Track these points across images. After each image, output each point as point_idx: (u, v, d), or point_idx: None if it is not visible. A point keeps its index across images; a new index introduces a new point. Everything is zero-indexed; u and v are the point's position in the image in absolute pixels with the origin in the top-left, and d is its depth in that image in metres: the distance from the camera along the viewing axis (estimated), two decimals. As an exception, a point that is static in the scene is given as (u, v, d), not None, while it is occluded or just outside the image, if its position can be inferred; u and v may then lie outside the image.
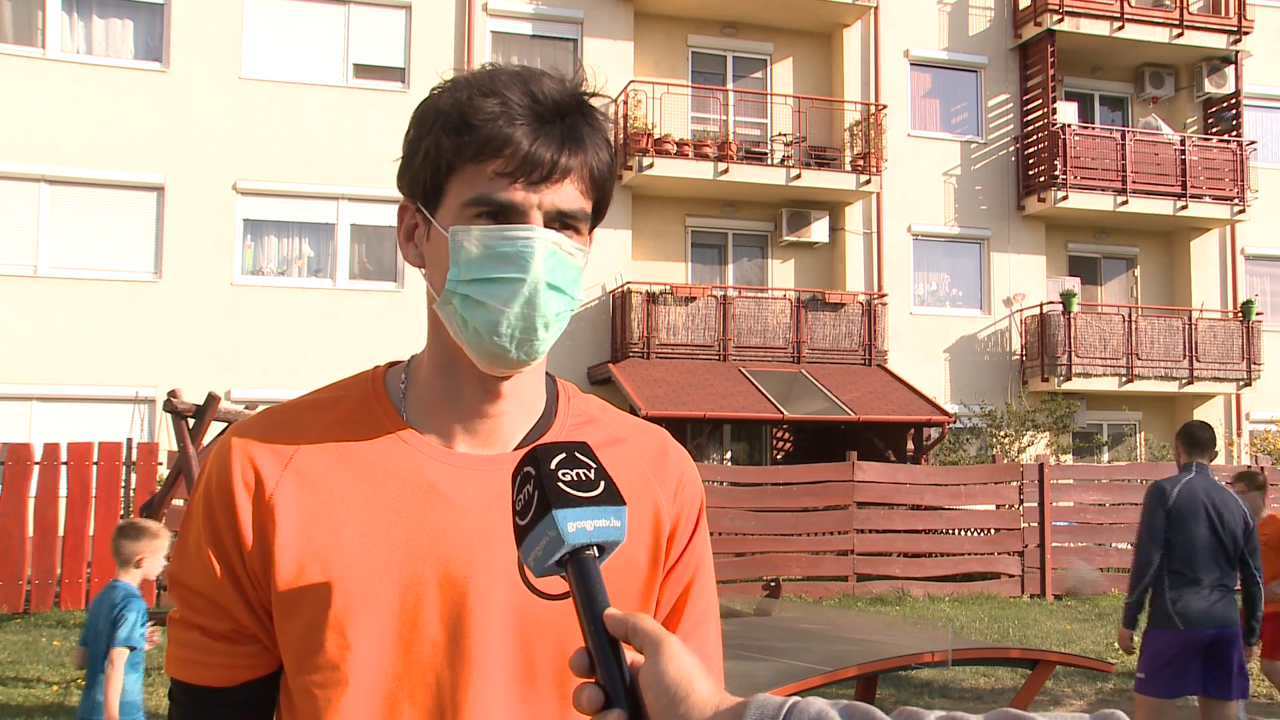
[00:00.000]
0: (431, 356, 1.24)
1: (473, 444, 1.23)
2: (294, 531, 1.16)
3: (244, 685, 1.21)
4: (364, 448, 1.20)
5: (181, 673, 1.21)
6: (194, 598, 1.19)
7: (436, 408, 1.23)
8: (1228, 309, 20.19)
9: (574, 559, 0.97)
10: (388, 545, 1.17)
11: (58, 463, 11.37)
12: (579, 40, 17.91)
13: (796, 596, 12.66)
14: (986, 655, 6.64)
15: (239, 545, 1.17)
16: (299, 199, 16.61)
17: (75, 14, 16.24)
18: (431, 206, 1.19)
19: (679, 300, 16.89)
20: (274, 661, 1.21)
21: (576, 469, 1.01)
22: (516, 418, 1.24)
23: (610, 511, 0.99)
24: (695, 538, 1.31)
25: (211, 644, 1.19)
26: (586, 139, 1.17)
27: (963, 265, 19.55)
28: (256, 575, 1.17)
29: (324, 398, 1.26)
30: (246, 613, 1.18)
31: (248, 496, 1.17)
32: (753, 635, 5.73)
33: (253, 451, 1.19)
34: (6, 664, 8.72)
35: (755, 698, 0.89)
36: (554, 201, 1.15)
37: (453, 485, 1.19)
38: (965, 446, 17.61)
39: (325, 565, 1.16)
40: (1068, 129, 18.89)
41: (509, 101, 1.14)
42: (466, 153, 1.14)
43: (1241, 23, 19.79)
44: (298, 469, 1.19)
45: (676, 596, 1.30)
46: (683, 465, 1.33)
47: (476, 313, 1.15)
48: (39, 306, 15.48)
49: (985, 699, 8.05)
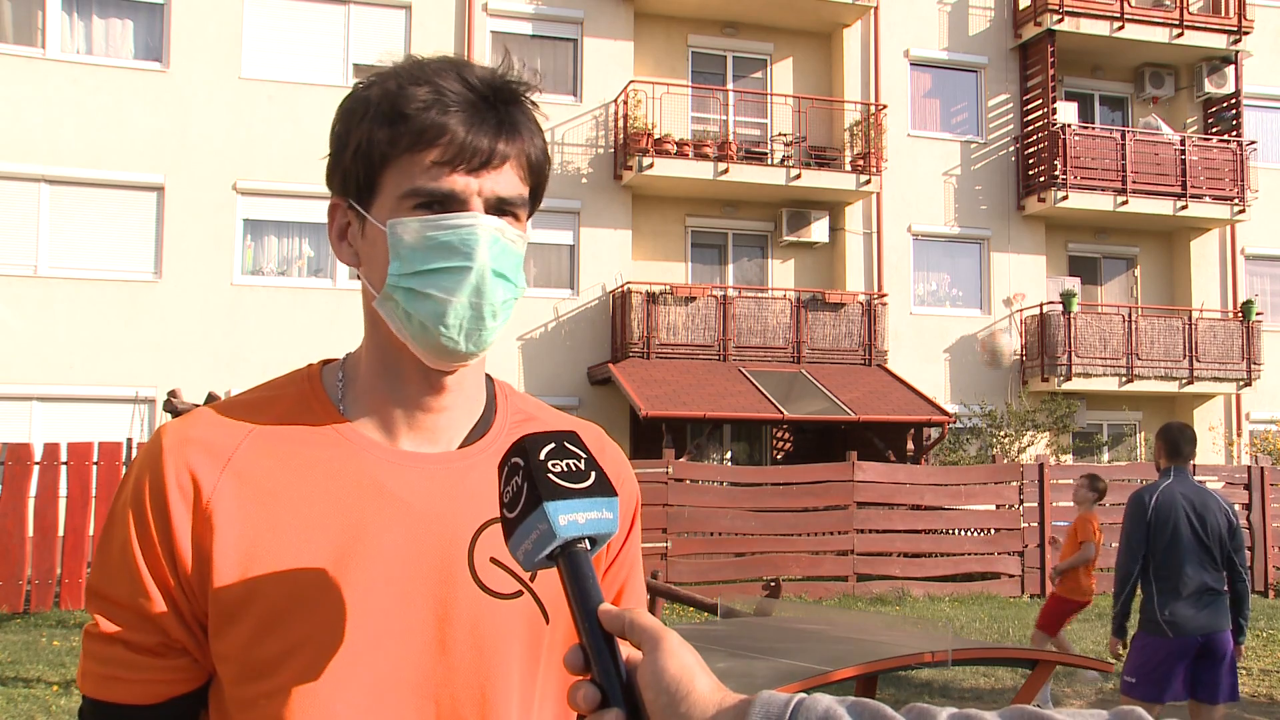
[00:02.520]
0: (371, 354, 1.20)
1: (417, 441, 1.19)
2: (234, 537, 1.10)
3: (168, 702, 1.13)
4: (305, 447, 1.15)
5: (99, 690, 1.13)
6: (117, 610, 1.11)
7: (378, 405, 1.19)
8: (1228, 309, 20.19)
9: (566, 553, 0.95)
10: (334, 547, 1.11)
11: (58, 463, 11.36)
12: (579, 40, 17.91)
13: (796, 596, 12.66)
14: (986, 655, 6.63)
15: (172, 553, 1.10)
16: (299, 199, 16.61)
17: (75, 14, 16.23)
18: (365, 202, 1.15)
19: (679, 300, 16.89)
20: (202, 675, 1.14)
21: (567, 459, 0.98)
22: (459, 414, 1.21)
23: (602, 503, 0.96)
24: (631, 535, 1.30)
25: (135, 659, 1.11)
26: (521, 124, 1.15)
27: (963, 265, 19.55)
28: (191, 585, 1.11)
29: (259, 397, 1.21)
30: (177, 624, 1.11)
31: (184, 503, 1.11)
32: (753, 635, 5.72)
33: (188, 454, 1.13)
34: (6, 664, 8.72)
35: (760, 695, 0.87)
36: (494, 188, 1.12)
37: (400, 483, 1.15)
38: (965, 447, 17.61)
39: (268, 570, 1.10)
40: (1068, 129, 18.89)
41: (442, 89, 1.11)
42: (401, 143, 1.11)
43: (1241, 23, 19.79)
44: (236, 470, 1.13)
45: (614, 594, 1.29)
46: (620, 463, 1.31)
47: (421, 305, 1.12)
48: (39, 306, 15.48)
49: (985, 699, 8.05)
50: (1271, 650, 10.28)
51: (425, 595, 1.13)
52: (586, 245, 17.53)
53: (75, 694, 7.78)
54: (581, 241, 17.50)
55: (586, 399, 17.19)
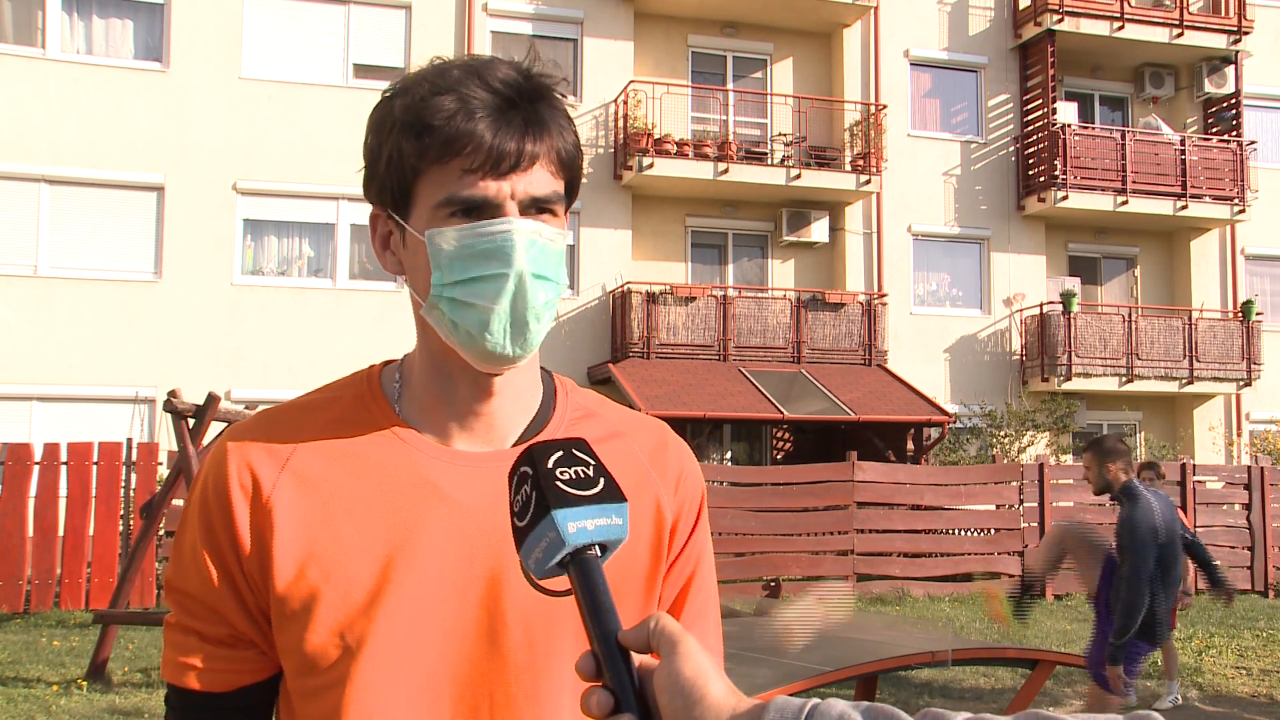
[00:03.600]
0: (423, 357, 1.23)
1: (470, 441, 1.21)
2: (292, 534, 1.14)
3: (240, 690, 1.19)
4: (361, 447, 1.19)
5: (178, 678, 1.19)
6: (190, 603, 1.17)
7: (432, 406, 1.22)
8: (1228, 309, 20.19)
9: (576, 560, 0.94)
10: (388, 545, 1.15)
11: (58, 463, 11.37)
12: (579, 40, 17.91)
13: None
14: (986, 655, 6.63)
15: (236, 550, 1.15)
16: (299, 199, 16.61)
17: (75, 14, 16.23)
18: (403, 212, 1.16)
19: (679, 300, 16.89)
20: (272, 667, 1.19)
21: (575, 466, 0.97)
22: (512, 413, 1.23)
23: (611, 509, 0.95)
24: (696, 531, 1.31)
25: (208, 649, 1.17)
26: (549, 121, 1.15)
27: (963, 265, 19.55)
28: (254, 580, 1.15)
29: (319, 398, 1.24)
30: (243, 618, 1.16)
31: (245, 500, 1.16)
32: (753, 635, 5.72)
33: (249, 454, 1.17)
34: (6, 664, 8.72)
35: (774, 700, 0.86)
36: (526, 189, 1.13)
37: (452, 483, 1.18)
38: (965, 446, 17.61)
39: (325, 567, 1.14)
40: (1068, 129, 18.89)
41: (465, 96, 1.11)
42: (430, 155, 1.12)
43: (1241, 23, 19.80)
44: (295, 470, 1.17)
45: (678, 590, 1.29)
46: (683, 459, 1.32)
47: (465, 314, 1.13)
48: (39, 306, 15.48)
49: (985, 699, 8.05)
50: (1271, 650, 10.28)
51: (477, 592, 1.16)
52: (586, 245, 17.53)
53: (75, 694, 7.79)
54: (581, 241, 17.50)
55: (586, 399, 17.18)
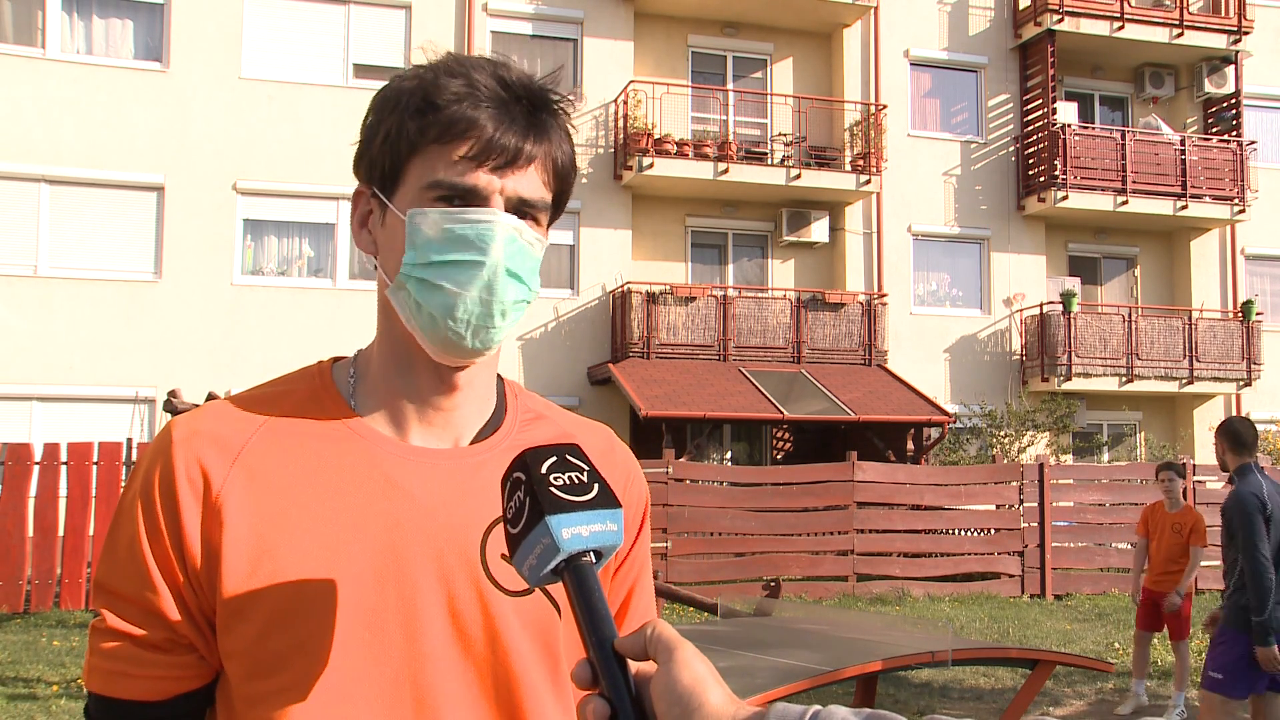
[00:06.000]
0: (383, 348, 1.20)
1: (426, 437, 1.18)
2: (244, 531, 1.09)
3: (176, 698, 1.11)
4: (316, 441, 1.15)
5: (105, 686, 1.11)
6: (124, 605, 1.10)
7: (389, 400, 1.18)
8: (1228, 309, 20.19)
9: (571, 567, 0.93)
10: (344, 541, 1.10)
11: (58, 463, 11.36)
12: (579, 40, 17.91)
13: (796, 596, 12.66)
14: (986, 655, 6.63)
15: (181, 548, 1.09)
16: (299, 199, 16.61)
17: (75, 14, 16.23)
18: (389, 190, 1.15)
19: (679, 300, 16.89)
20: (209, 672, 1.13)
21: (569, 472, 0.96)
22: (470, 411, 1.21)
23: (606, 515, 0.94)
24: (641, 535, 1.30)
25: (142, 654, 1.09)
26: (551, 129, 1.15)
27: (963, 265, 19.55)
28: (199, 580, 1.09)
29: (270, 391, 1.20)
30: (185, 620, 1.10)
31: (194, 496, 1.10)
32: (753, 635, 5.73)
33: (198, 448, 1.12)
34: (6, 664, 8.72)
35: (774, 706, 0.85)
36: (516, 189, 1.12)
37: (411, 479, 1.14)
38: (965, 446, 17.61)
39: (278, 565, 1.09)
40: (1068, 129, 18.89)
41: (475, 83, 1.11)
42: (430, 134, 1.11)
43: (1241, 23, 19.80)
44: (246, 465, 1.12)
45: (624, 595, 1.29)
46: (629, 463, 1.31)
47: (432, 296, 1.11)
48: (39, 306, 15.48)
49: (985, 699, 8.05)
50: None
51: (436, 591, 1.12)
52: (586, 245, 17.53)
53: (76, 694, 7.78)
54: (581, 241, 17.50)
55: (586, 399, 17.19)
